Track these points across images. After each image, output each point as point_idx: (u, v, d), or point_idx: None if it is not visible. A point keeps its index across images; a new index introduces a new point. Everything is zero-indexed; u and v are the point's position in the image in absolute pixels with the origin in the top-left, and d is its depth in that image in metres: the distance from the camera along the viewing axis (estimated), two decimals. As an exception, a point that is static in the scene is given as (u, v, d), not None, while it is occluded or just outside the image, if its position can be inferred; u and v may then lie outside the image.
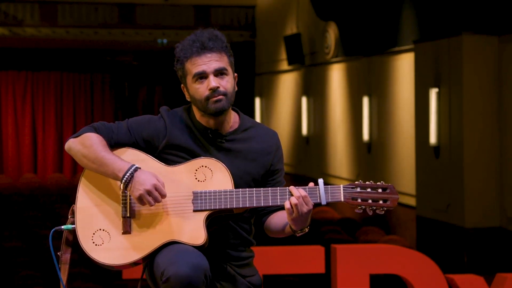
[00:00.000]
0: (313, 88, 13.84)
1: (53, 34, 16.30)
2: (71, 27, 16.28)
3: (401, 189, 10.20)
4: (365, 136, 11.55)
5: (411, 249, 4.80)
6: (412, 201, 9.92)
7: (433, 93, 9.18)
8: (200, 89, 2.81)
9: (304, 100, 14.12)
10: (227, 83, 2.82)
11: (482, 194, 8.64)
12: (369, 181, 2.84)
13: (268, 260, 4.50)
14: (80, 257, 8.48)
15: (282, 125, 15.35)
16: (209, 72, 2.80)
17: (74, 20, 16.28)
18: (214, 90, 2.79)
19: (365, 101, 11.51)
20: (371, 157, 11.47)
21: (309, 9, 13.49)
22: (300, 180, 13.95)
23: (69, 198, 13.31)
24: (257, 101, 16.94)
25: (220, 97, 2.79)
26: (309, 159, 14.01)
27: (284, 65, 15.17)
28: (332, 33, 12.78)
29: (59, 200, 13.11)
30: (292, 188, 2.77)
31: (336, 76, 12.81)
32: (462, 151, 8.65)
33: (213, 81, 2.79)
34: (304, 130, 14.16)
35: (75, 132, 2.93)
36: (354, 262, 4.39)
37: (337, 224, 10.57)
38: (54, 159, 18.06)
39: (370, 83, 11.46)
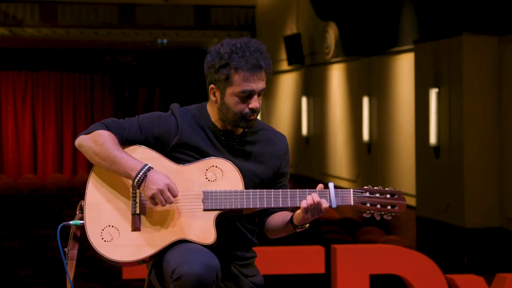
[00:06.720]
0: (313, 88, 13.84)
1: (53, 34, 16.30)
2: (71, 27, 16.28)
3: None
4: (365, 136, 11.54)
5: (411, 249, 4.80)
6: (412, 201, 9.92)
7: (433, 93, 9.18)
8: (241, 105, 2.81)
9: (304, 100, 14.12)
10: (261, 100, 2.87)
11: (482, 194, 8.63)
12: (377, 186, 2.86)
13: (268, 260, 4.50)
14: (80, 257, 8.49)
15: (282, 125, 15.35)
16: (256, 92, 2.82)
17: (74, 20, 16.27)
18: (254, 111, 2.82)
19: (365, 101, 11.51)
20: (371, 157, 11.46)
21: (309, 9, 13.49)
22: (300, 180, 13.95)
23: (69, 198, 13.31)
24: (257, 101, 16.92)
25: (254, 116, 2.84)
26: (309, 159, 14.01)
27: (284, 65, 15.17)
28: (332, 33, 12.78)
29: (59, 200, 13.11)
30: (312, 193, 2.78)
31: (336, 76, 12.81)
32: (462, 151, 8.65)
33: (256, 102, 2.81)
34: (304, 130, 14.16)
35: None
36: (354, 262, 4.39)
37: (337, 224, 10.57)
38: (54, 159, 18.05)
39: (370, 83, 11.45)
